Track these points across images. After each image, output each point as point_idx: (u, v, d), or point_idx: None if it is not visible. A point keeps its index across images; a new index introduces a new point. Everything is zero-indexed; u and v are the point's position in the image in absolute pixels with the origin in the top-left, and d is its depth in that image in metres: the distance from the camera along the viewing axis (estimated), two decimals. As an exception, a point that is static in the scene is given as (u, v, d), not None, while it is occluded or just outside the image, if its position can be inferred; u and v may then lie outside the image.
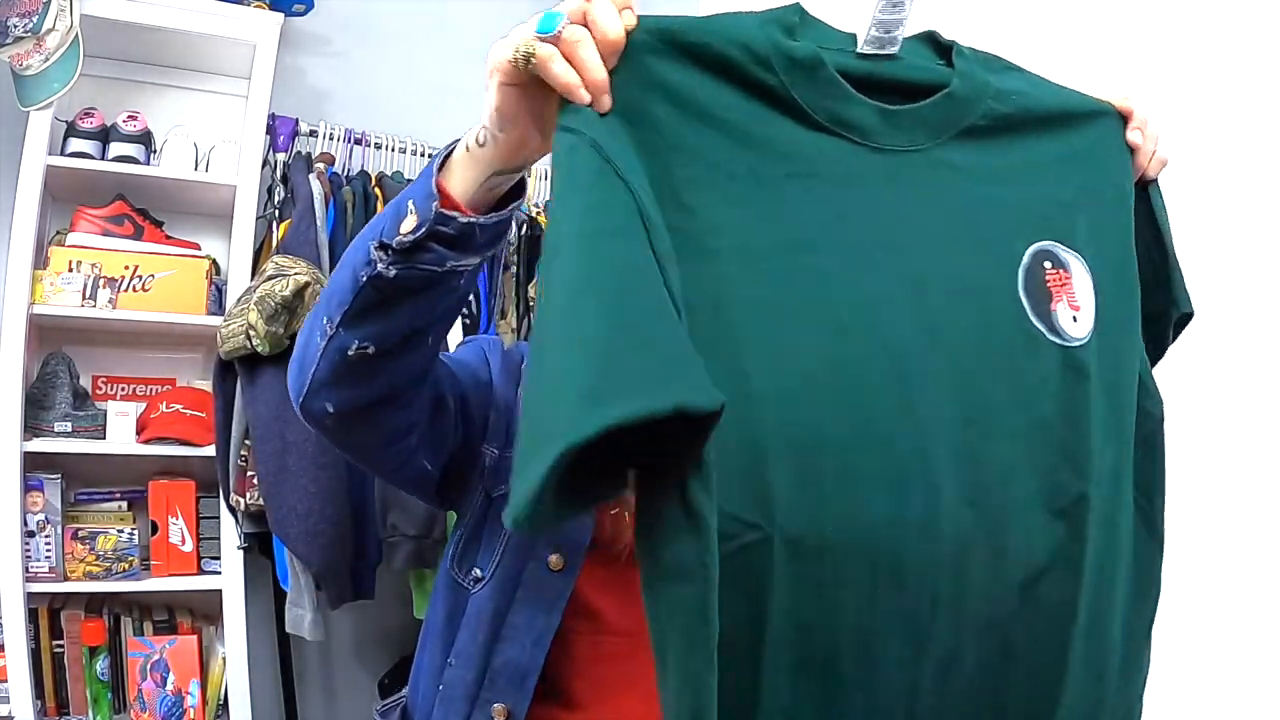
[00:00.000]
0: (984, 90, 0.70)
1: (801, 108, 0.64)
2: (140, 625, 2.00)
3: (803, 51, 0.64)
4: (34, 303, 1.87)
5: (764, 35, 0.64)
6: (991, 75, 0.71)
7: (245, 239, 2.02)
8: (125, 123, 2.03)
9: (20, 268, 1.84)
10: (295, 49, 2.40)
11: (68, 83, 1.85)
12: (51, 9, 1.83)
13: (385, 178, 2.16)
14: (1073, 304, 0.70)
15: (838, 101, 0.65)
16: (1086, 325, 0.70)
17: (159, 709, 1.92)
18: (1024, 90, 0.72)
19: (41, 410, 1.92)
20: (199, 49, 2.10)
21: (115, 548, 1.92)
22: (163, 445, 1.97)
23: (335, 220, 2.02)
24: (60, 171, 1.93)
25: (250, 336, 1.74)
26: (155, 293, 1.97)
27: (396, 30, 2.60)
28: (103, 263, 1.93)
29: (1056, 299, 0.69)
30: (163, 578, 1.98)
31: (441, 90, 2.62)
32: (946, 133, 0.69)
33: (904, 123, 0.67)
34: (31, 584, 1.84)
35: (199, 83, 2.25)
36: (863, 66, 0.67)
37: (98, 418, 1.97)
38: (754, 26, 0.64)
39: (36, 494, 1.87)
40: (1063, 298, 0.70)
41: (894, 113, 0.67)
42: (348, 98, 2.49)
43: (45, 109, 1.86)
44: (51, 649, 1.92)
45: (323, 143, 2.19)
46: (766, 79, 0.63)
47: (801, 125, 0.65)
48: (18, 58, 1.85)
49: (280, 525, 1.81)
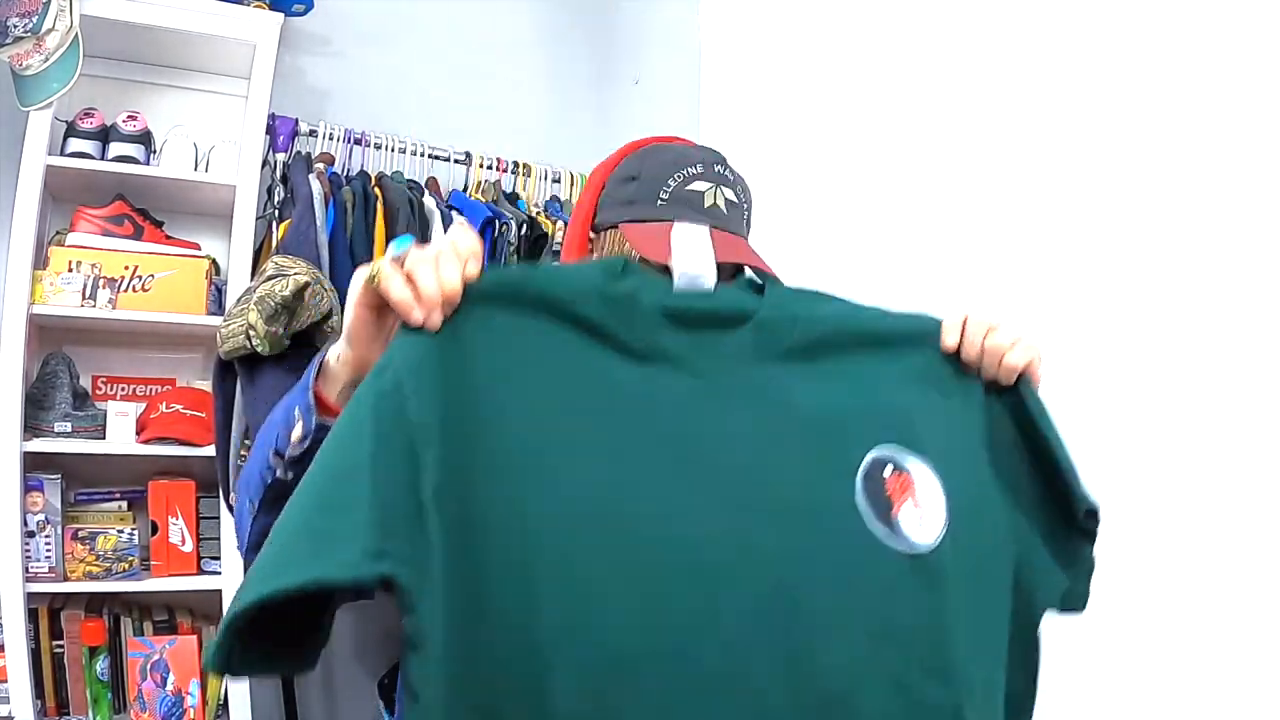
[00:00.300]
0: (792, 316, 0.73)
1: (620, 339, 0.69)
2: (140, 625, 2.00)
3: (621, 289, 0.70)
4: (34, 303, 1.87)
5: (591, 279, 0.70)
6: (800, 305, 0.75)
7: (245, 239, 2.02)
8: (125, 123, 2.03)
9: (20, 268, 1.84)
10: (295, 49, 2.40)
11: (68, 83, 1.85)
12: (51, 9, 1.83)
13: (385, 178, 2.16)
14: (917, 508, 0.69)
15: (653, 332, 0.70)
16: (935, 530, 0.69)
17: (159, 709, 1.91)
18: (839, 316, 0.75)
19: (41, 410, 1.92)
20: (199, 49, 2.10)
21: (115, 548, 1.92)
22: (163, 445, 1.97)
23: (335, 220, 2.02)
24: (60, 171, 1.93)
25: (250, 336, 1.73)
26: (155, 293, 1.97)
27: (396, 30, 2.60)
28: (103, 263, 1.93)
29: (899, 504, 0.69)
30: (163, 578, 1.98)
31: (442, 90, 2.62)
32: (766, 356, 0.72)
33: (721, 350, 0.71)
34: (31, 584, 1.84)
35: (199, 83, 2.25)
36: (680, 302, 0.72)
37: (98, 418, 1.97)
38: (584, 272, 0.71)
39: (36, 494, 1.86)
40: (905, 502, 0.69)
41: (709, 341, 0.71)
42: (348, 98, 2.49)
43: (45, 109, 1.86)
44: (51, 649, 1.91)
45: (323, 143, 2.19)
46: (589, 315, 0.68)
47: (620, 355, 0.68)
48: (18, 58, 1.85)
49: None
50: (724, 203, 0.91)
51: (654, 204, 0.90)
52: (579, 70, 2.83)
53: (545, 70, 2.79)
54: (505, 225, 2.24)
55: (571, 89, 2.80)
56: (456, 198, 2.31)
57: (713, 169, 0.92)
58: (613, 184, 0.95)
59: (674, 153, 0.94)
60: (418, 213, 2.10)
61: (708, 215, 0.89)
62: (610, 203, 0.94)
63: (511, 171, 2.41)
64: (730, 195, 0.92)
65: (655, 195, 0.90)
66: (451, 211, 2.20)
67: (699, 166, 0.92)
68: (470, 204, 2.27)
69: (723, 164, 0.94)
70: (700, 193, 0.90)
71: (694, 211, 0.89)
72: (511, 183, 2.44)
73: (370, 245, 2.04)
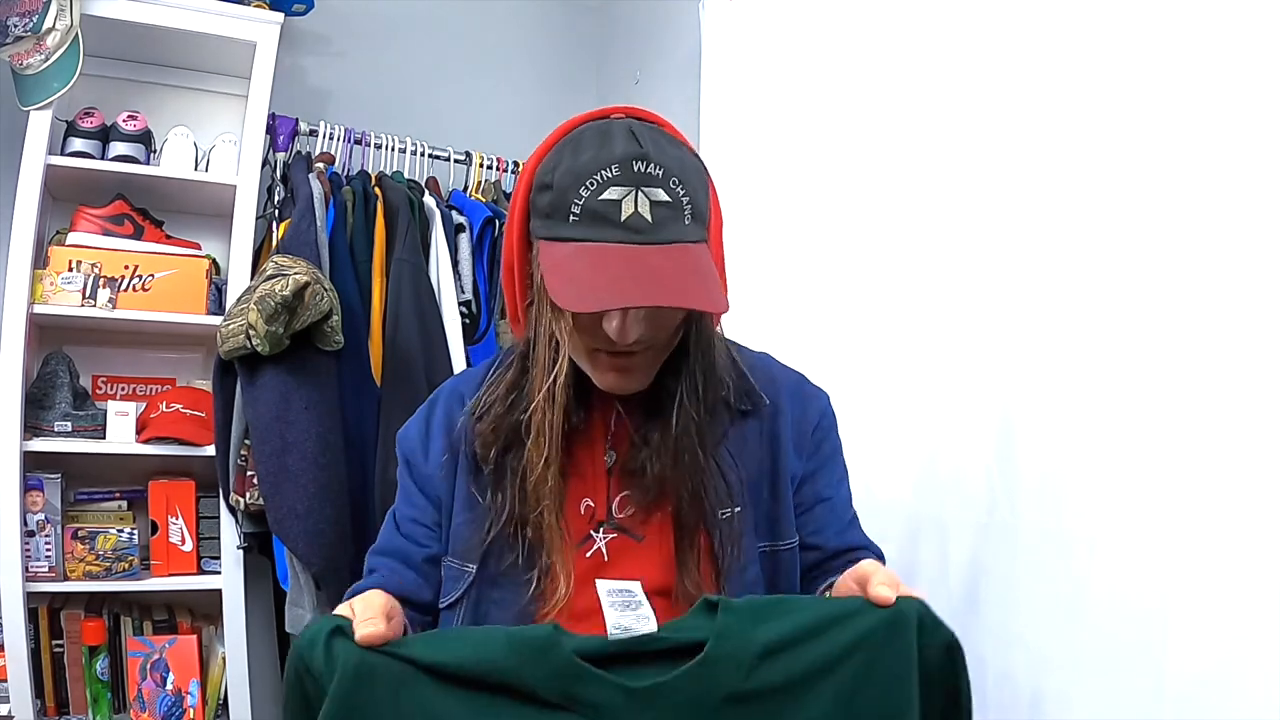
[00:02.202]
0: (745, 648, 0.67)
1: (533, 690, 0.65)
2: (140, 625, 2.00)
3: (536, 634, 0.66)
4: (34, 302, 1.87)
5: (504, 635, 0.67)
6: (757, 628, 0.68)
7: (245, 239, 2.02)
8: (125, 123, 2.03)
9: (20, 267, 1.84)
10: (295, 49, 2.41)
11: (68, 83, 1.85)
12: (51, 9, 1.83)
13: (385, 177, 2.16)
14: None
15: (571, 681, 0.65)
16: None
17: (159, 709, 1.91)
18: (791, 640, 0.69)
19: (41, 410, 1.92)
20: (199, 49, 2.10)
21: (115, 547, 1.92)
22: (163, 445, 1.97)
23: (335, 220, 2.02)
24: (60, 171, 1.93)
25: (250, 336, 1.74)
26: (155, 292, 1.97)
27: (396, 30, 2.60)
28: (103, 262, 1.93)
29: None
30: (163, 578, 1.98)
31: (441, 90, 2.62)
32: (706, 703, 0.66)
33: (655, 699, 0.66)
34: (31, 584, 1.84)
35: (199, 83, 2.26)
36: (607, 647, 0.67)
37: (98, 417, 1.97)
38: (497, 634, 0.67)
39: (36, 494, 1.87)
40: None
41: (641, 690, 0.66)
42: (348, 98, 2.50)
43: (45, 109, 1.86)
44: (51, 649, 1.92)
45: (323, 142, 2.19)
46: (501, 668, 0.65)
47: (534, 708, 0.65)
48: (18, 58, 1.85)
49: (280, 525, 1.81)
50: (648, 209, 0.78)
51: (567, 220, 0.79)
52: (579, 70, 2.83)
53: (545, 70, 2.79)
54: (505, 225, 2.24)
55: (571, 89, 2.80)
56: (456, 198, 2.32)
57: (631, 167, 0.78)
58: (535, 187, 0.84)
59: (590, 148, 0.80)
60: (418, 213, 2.10)
61: (625, 230, 0.77)
62: (534, 209, 0.84)
63: (511, 171, 2.42)
64: (659, 195, 0.78)
65: (568, 209, 0.79)
66: (452, 211, 2.21)
67: (614, 168, 0.78)
68: (470, 204, 2.27)
69: (645, 158, 0.79)
70: (615, 202, 0.77)
71: (609, 227, 0.78)
72: (511, 182, 2.44)
73: (370, 245, 2.04)
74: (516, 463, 0.87)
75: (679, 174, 0.80)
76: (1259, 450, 0.93)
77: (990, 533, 1.23)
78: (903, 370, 1.40)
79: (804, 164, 1.67)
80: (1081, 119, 1.16)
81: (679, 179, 0.80)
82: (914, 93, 1.44)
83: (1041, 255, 1.20)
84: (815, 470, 0.96)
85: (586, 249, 0.78)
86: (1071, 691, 1.09)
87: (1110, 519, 1.07)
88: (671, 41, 2.34)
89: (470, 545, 0.89)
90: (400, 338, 1.96)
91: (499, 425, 0.89)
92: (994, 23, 1.29)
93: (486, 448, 0.89)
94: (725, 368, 0.92)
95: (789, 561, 0.92)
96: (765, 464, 0.93)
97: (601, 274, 0.77)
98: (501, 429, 0.89)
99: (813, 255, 1.60)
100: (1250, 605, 0.93)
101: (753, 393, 0.94)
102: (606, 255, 0.77)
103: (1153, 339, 1.05)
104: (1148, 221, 1.06)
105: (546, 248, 0.81)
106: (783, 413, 0.95)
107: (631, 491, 0.90)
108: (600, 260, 0.77)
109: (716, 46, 1.98)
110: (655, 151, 0.80)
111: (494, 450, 0.89)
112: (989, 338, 1.26)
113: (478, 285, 2.19)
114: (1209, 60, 1.02)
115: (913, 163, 1.42)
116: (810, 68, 1.69)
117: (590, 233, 0.78)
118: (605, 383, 0.87)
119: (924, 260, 1.38)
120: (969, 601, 1.24)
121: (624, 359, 0.85)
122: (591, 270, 0.77)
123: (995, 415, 1.24)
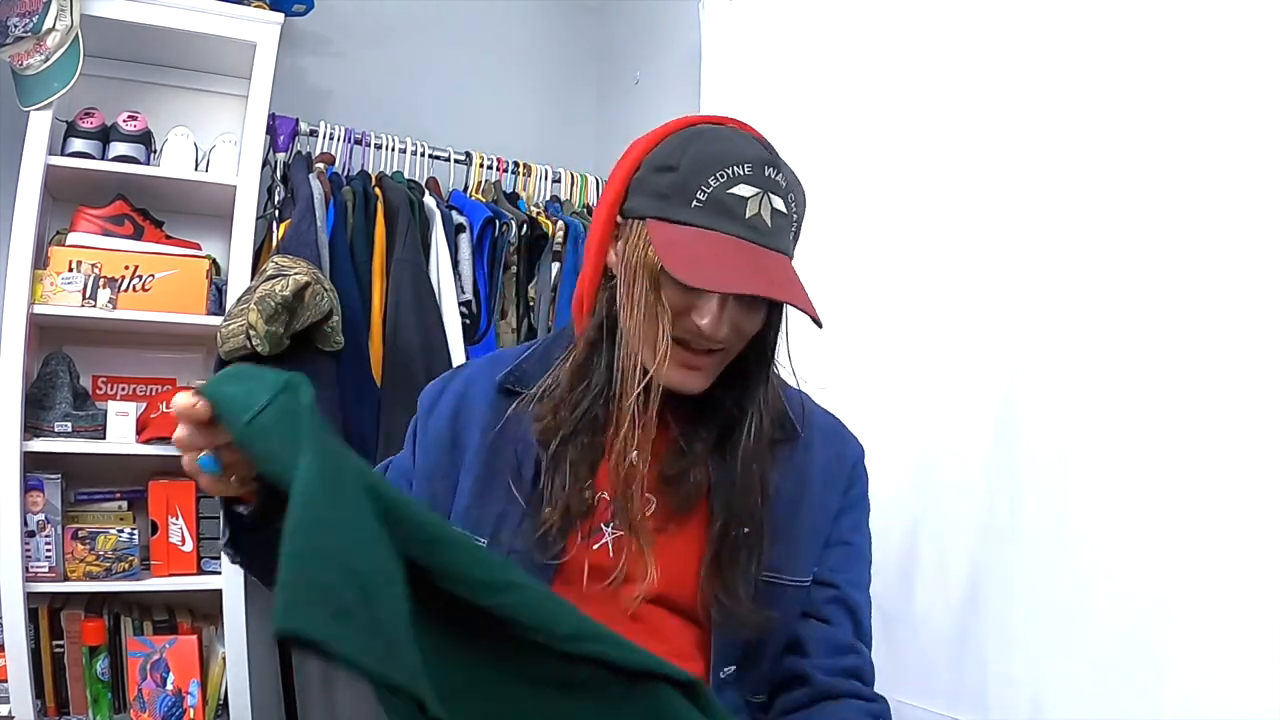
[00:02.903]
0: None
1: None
2: (140, 625, 2.00)
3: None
4: (34, 303, 1.87)
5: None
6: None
7: (245, 239, 2.02)
8: (125, 123, 2.03)
9: (20, 268, 1.84)
10: (295, 49, 2.41)
11: (68, 83, 1.85)
12: (51, 9, 1.83)
13: (385, 178, 2.17)
14: None
15: None
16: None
17: (159, 709, 1.91)
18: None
19: (41, 410, 1.92)
20: (199, 49, 2.10)
21: (115, 548, 1.92)
22: (163, 445, 1.97)
23: (335, 220, 2.03)
24: (60, 171, 1.93)
25: (250, 336, 1.74)
26: (155, 293, 1.97)
27: (396, 30, 2.60)
28: (103, 263, 1.93)
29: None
30: (163, 578, 1.98)
31: (442, 90, 2.62)
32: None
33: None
34: (31, 584, 1.84)
35: (199, 83, 2.25)
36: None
37: (98, 418, 1.97)
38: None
39: (36, 494, 1.86)
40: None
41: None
42: (348, 98, 2.50)
43: (45, 109, 1.86)
44: (51, 649, 1.91)
45: (323, 143, 2.19)
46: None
47: None
48: (18, 58, 1.85)
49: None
50: (769, 214, 0.80)
51: (688, 205, 0.80)
52: (579, 70, 2.83)
53: (545, 70, 2.79)
54: (505, 225, 2.25)
55: (571, 89, 2.80)
56: (456, 198, 2.32)
57: (762, 171, 0.80)
58: (647, 168, 0.84)
59: (721, 144, 0.82)
60: (418, 213, 2.10)
61: (746, 227, 0.79)
62: (642, 189, 0.84)
63: (511, 171, 2.42)
64: (779, 204, 0.81)
65: (691, 195, 0.80)
66: (451, 211, 2.21)
67: (746, 167, 0.80)
68: (470, 204, 2.27)
69: (776, 165, 0.82)
70: (744, 199, 0.80)
71: (731, 221, 0.79)
72: (511, 183, 2.44)
73: (370, 245, 2.04)
74: (580, 449, 0.86)
75: (796, 192, 0.85)
76: (1259, 450, 0.93)
77: (990, 533, 1.23)
78: (903, 370, 1.40)
79: (804, 164, 1.67)
80: (1081, 119, 1.16)
81: (795, 197, 0.84)
82: (914, 92, 1.44)
83: (1042, 256, 1.20)
84: (840, 511, 0.94)
85: (705, 235, 0.80)
86: (1071, 691, 1.09)
87: (1110, 519, 1.07)
88: (671, 41, 2.34)
89: (485, 520, 0.88)
90: (400, 338, 1.96)
91: (559, 409, 0.87)
92: (994, 23, 1.29)
93: (549, 433, 0.87)
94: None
95: (794, 597, 0.89)
96: (785, 493, 0.90)
97: (725, 260, 0.79)
98: (571, 415, 0.87)
99: (812, 255, 1.60)
100: (1250, 605, 0.93)
101: (787, 421, 0.92)
102: (726, 245, 0.79)
103: (1153, 339, 1.05)
104: (1148, 223, 1.06)
105: (658, 227, 0.82)
106: (814, 448, 0.94)
107: (661, 495, 0.88)
108: (721, 248, 0.79)
109: (716, 46, 1.98)
110: (782, 164, 0.84)
111: (557, 437, 0.87)
112: (990, 338, 1.26)
113: (478, 285, 2.20)
114: (1215, 60, 1.02)
115: (913, 162, 1.42)
116: (810, 67, 1.69)
117: (712, 221, 0.80)
118: (671, 378, 0.84)
119: (925, 260, 1.38)
120: (969, 601, 1.24)
121: (698, 356, 0.85)
122: (714, 254, 0.79)
123: (995, 415, 1.24)
